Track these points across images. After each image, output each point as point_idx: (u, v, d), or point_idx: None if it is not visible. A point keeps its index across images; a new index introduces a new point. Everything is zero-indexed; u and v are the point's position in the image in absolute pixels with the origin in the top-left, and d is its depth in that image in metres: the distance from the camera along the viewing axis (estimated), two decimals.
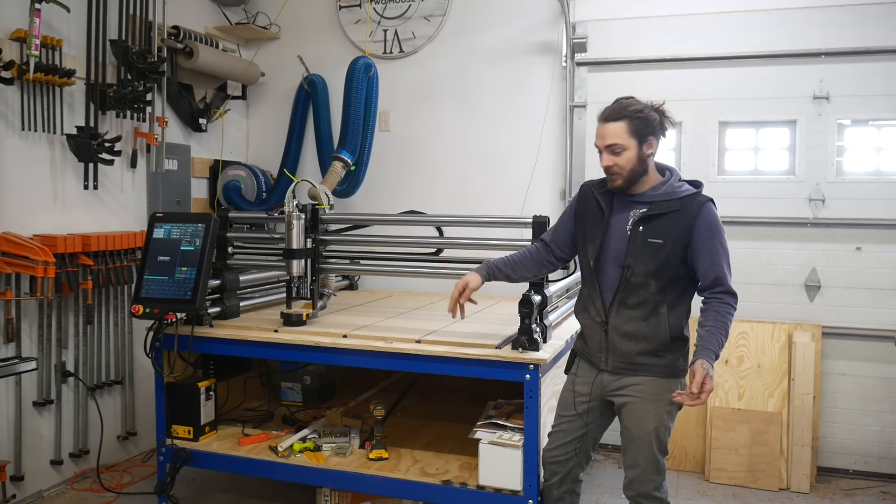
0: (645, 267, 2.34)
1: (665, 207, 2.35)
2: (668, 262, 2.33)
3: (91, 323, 3.65)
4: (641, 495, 2.43)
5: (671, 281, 2.35)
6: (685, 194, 2.37)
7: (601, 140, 2.37)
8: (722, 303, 2.32)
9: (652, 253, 2.34)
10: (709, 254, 2.31)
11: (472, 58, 4.52)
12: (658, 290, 2.35)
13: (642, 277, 2.35)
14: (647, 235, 2.35)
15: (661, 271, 2.33)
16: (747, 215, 3.98)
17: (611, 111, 2.36)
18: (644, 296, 2.36)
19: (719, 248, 2.33)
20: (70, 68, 3.39)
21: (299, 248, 3.12)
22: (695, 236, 2.32)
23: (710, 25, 4.03)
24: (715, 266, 2.31)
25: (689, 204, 2.35)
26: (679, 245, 2.32)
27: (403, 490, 2.90)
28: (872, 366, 3.85)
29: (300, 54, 4.81)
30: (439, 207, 4.41)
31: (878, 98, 3.80)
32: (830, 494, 3.71)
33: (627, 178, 2.36)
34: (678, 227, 2.33)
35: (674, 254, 2.33)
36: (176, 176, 4.34)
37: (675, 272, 2.35)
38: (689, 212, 2.33)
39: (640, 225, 2.37)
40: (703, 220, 2.32)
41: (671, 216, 2.34)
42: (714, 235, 2.32)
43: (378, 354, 2.87)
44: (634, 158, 2.34)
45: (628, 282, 2.37)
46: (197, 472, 3.61)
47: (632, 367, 2.40)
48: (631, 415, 2.42)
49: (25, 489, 3.40)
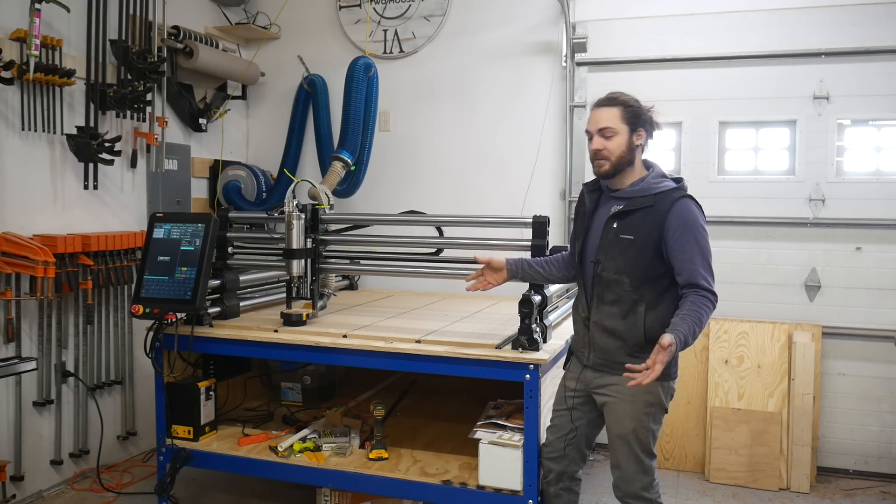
0: (615, 262, 2.34)
1: (639, 203, 2.34)
2: (639, 259, 2.31)
3: (91, 323, 3.65)
4: (628, 495, 2.44)
5: (648, 279, 2.33)
6: (661, 190, 2.35)
7: (593, 124, 2.42)
8: (698, 296, 2.24)
9: (622, 249, 2.33)
10: (681, 251, 2.27)
11: (472, 58, 4.52)
12: (633, 287, 2.33)
13: (613, 273, 2.35)
14: (619, 231, 2.35)
15: (633, 268, 2.32)
16: (747, 215, 3.97)
17: (606, 98, 2.44)
18: (619, 293, 2.35)
19: (693, 246, 2.27)
20: (70, 68, 3.39)
21: (299, 248, 3.13)
22: (667, 233, 2.28)
23: (711, 25, 4.03)
24: (688, 263, 2.26)
25: (663, 200, 2.32)
26: (650, 241, 2.30)
27: (403, 490, 2.90)
28: (872, 366, 3.85)
29: (300, 54, 4.81)
30: (439, 207, 4.41)
31: (879, 98, 3.80)
32: (830, 494, 3.71)
33: (615, 163, 2.37)
34: (650, 224, 2.31)
35: (644, 250, 2.30)
36: (176, 176, 4.34)
37: (651, 270, 2.32)
38: (661, 208, 2.31)
39: (614, 221, 2.37)
40: (675, 216, 2.28)
41: (644, 212, 2.33)
42: (687, 232, 2.27)
43: (378, 354, 2.87)
44: (624, 145, 2.36)
45: (600, 277, 2.38)
46: (197, 472, 3.60)
47: (610, 365, 2.40)
48: (610, 415, 2.44)
49: (25, 489, 3.40)
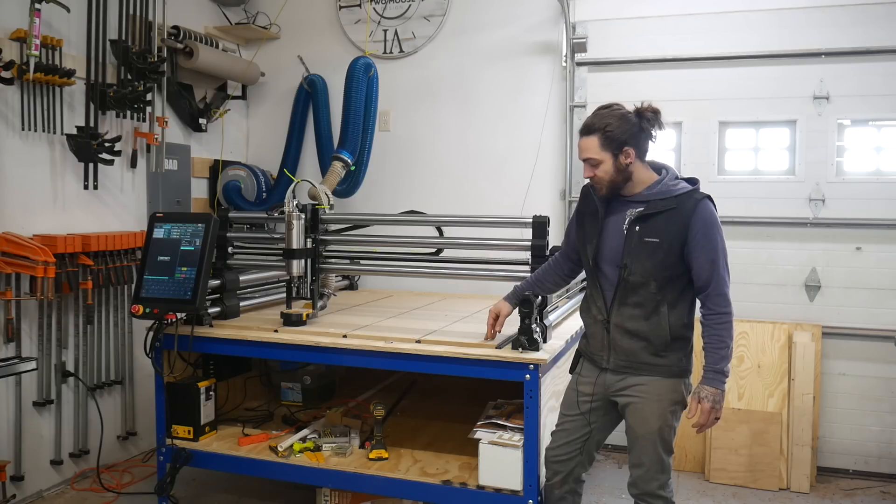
0: (642, 266, 2.35)
1: (661, 206, 2.35)
2: (666, 261, 2.33)
3: (91, 323, 3.65)
4: (646, 494, 2.44)
5: (670, 280, 2.35)
6: (681, 192, 2.36)
7: (580, 153, 2.43)
8: (714, 314, 2.32)
9: (649, 252, 2.34)
10: (702, 252, 2.30)
11: (472, 58, 4.52)
12: (658, 289, 2.35)
13: (640, 277, 2.35)
14: (643, 234, 2.35)
15: (660, 270, 2.33)
16: (747, 215, 3.98)
17: (585, 125, 2.42)
18: (644, 295, 2.36)
19: (714, 247, 2.31)
20: (70, 68, 3.39)
21: (299, 248, 3.12)
22: (690, 234, 2.31)
23: (711, 25, 4.03)
24: (708, 264, 2.30)
25: (685, 202, 2.34)
26: (675, 243, 2.32)
27: (403, 490, 2.90)
28: (872, 366, 3.85)
29: (300, 54, 4.81)
30: (439, 207, 4.41)
31: (879, 98, 3.80)
32: (830, 494, 3.71)
33: (609, 187, 2.40)
34: (674, 226, 2.32)
35: (671, 252, 2.32)
36: (176, 176, 4.34)
37: (674, 270, 2.34)
38: (684, 209, 2.33)
39: (636, 224, 2.37)
40: (698, 218, 2.31)
41: (667, 214, 2.34)
42: (709, 234, 2.31)
43: (378, 354, 2.87)
44: (612, 170, 2.37)
45: (627, 281, 2.38)
46: (197, 472, 3.60)
47: (634, 366, 2.40)
48: (635, 415, 2.43)
49: (25, 489, 3.40)
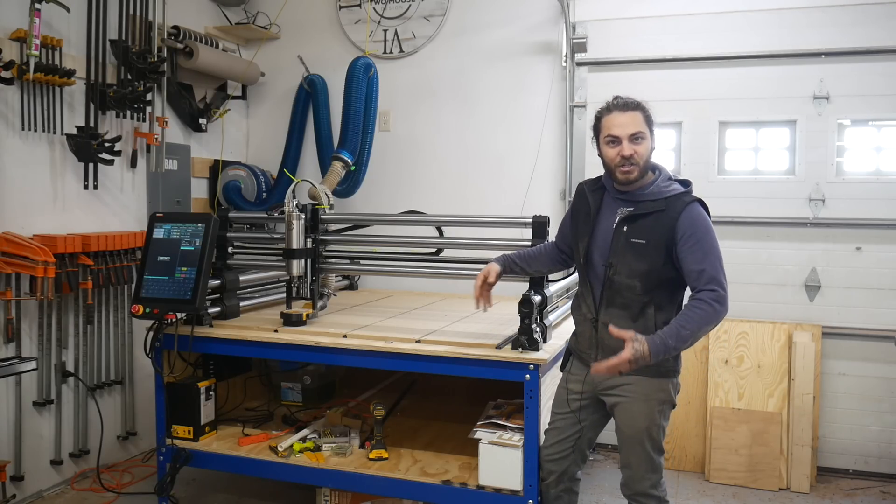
0: (629, 267, 2.32)
1: (650, 207, 2.32)
2: (654, 264, 2.29)
3: (91, 323, 3.65)
4: (638, 494, 2.45)
5: (657, 282, 2.32)
6: (671, 194, 2.33)
7: (622, 129, 2.29)
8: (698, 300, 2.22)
9: (635, 253, 2.31)
10: (690, 252, 2.25)
11: (471, 58, 4.52)
12: (644, 291, 2.32)
13: (626, 278, 2.33)
14: (630, 235, 2.33)
15: (647, 272, 2.30)
16: (747, 215, 3.98)
17: (625, 102, 2.34)
18: (630, 297, 2.34)
19: (702, 247, 2.25)
20: (70, 68, 3.39)
21: (299, 248, 3.12)
22: (678, 236, 2.27)
23: (711, 25, 4.03)
24: (697, 265, 2.24)
25: (674, 204, 2.30)
26: (662, 246, 2.29)
27: (403, 490, 2.89)
28: (872, 366, 3.85)
29: (300, 54, 4.81)
30: (439, 207, 4.41)
31: (879, 98, 3.80)
32: (830, 494, 3.71)
33: (643, 168, 2.32)
34: (662, 228, 2.29)
35: (657, 255, 2.29)
36: (176, 176, 4.34)
37: (662, 274, 2.31)
38: (673, 212, 2.29)
39: (624, 224, 2.35)
40: (686, 220, 2.27)
41: (655, 216, 2.31)
42: (697, 234, 2.26)
43: (378, 354, 2.87)
44: (649, 150, 2.34)
45: (612, 281, 2.35)
46: (197, 472, 3.61)
47: None
48: (623, 414, 2.43)
49: (25, 489, 3.40)
